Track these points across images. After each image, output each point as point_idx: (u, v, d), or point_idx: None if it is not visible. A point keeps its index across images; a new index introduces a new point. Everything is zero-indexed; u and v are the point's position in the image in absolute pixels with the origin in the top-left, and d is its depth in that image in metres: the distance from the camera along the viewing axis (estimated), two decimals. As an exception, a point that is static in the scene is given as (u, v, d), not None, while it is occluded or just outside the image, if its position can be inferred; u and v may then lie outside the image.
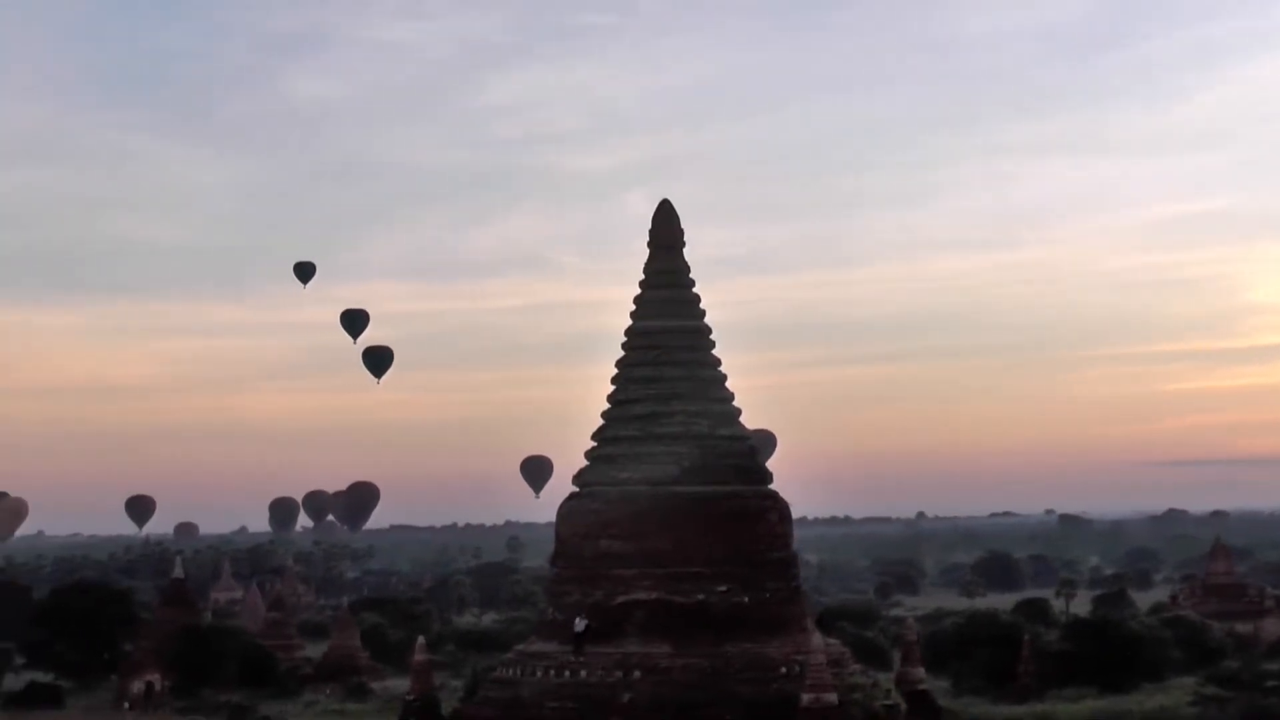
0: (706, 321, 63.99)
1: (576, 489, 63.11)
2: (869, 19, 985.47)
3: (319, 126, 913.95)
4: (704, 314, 64.02)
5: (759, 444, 73.35)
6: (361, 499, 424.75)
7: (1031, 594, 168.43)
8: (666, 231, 64.20)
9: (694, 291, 64.10)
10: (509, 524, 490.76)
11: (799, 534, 67.32)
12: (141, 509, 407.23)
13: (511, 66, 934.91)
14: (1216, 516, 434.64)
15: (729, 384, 63.62)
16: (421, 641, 65.72)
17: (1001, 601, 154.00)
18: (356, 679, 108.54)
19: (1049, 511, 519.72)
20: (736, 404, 63.58)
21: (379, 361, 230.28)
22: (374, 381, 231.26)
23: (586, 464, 63.21)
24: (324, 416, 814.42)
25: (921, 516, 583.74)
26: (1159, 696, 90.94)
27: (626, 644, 58.44)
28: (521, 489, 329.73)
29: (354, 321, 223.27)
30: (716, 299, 64.81)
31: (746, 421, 64.01)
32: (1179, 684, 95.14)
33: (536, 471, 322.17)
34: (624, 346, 63.85)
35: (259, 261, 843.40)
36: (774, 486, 63.06)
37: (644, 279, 64.07)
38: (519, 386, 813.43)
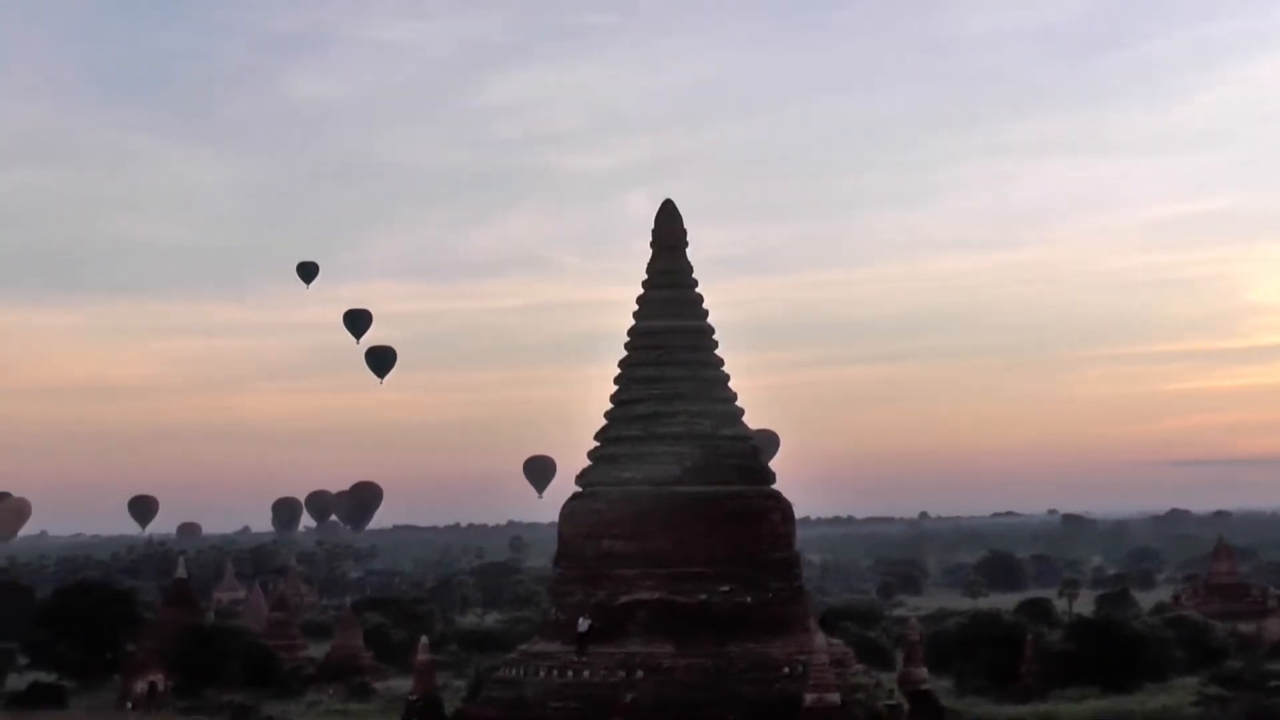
0: (709, 322, 64.08)
1: (579, 489, 63.13)
2: (869, 19, 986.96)
3: (319, 126, 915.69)
4: (707, 314, 64.05)
5: (762, 444, 73.32)
6: (364, 499, 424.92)
7: (1034, 594, 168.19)
8: (669, 231, 64.22)
9: (696, 292, 64.14)
10: (512, 524, 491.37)
11: (801, 534, 67.40)
12: (144, 509, 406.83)
13: (511, 66, 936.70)
14: (1219, 516, 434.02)
15: (731, 384, 63.70)
16: (424, 641, 65.72)
17: (1004, 601, 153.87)
18: (359, 679, 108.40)
19: (1051, 511, 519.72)
20: (739, 404, 63.66)
21: (382, 361, 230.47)
22: (377, 381, 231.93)
23: (589, 464, 63.24)
24: (326, 416, 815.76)
25: (924, 516, 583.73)
26: (1162, 696, 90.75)
27: (629, 644, 58.46)
28: (524, 489, 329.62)
29: (357, 322, 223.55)
30: (717, 299, 64.94)
31: (749, 421, 64.07)
32: (1182, 684, 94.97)
33: (539, 471, 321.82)
34: (627, 346, 63.87)
35: (259, 261, 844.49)
36: (777, 486, 63.12)
37: (647, 279, 64.09)
38: (520, 386, 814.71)
